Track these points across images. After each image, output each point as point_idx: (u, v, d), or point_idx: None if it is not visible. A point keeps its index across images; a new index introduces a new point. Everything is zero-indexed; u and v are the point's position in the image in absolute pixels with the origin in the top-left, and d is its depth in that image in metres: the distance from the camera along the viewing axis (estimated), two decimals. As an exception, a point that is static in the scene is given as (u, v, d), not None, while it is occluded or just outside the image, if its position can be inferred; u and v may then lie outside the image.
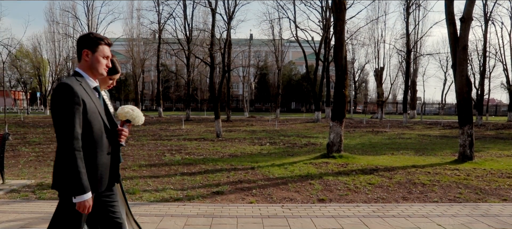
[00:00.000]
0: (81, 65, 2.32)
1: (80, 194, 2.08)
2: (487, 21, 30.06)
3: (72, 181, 2.08)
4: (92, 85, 2.33)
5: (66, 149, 2.06)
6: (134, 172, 7.69)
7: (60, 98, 2.09)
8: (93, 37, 2.30)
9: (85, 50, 2.29)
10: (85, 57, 2.30)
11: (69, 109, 2.08)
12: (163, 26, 34.19)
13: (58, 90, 2.11)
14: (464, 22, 9.62)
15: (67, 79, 2.18)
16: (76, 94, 2.12)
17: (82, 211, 2.13)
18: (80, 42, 2.32)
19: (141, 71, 48.10)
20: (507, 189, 6.41)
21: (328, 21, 28.84)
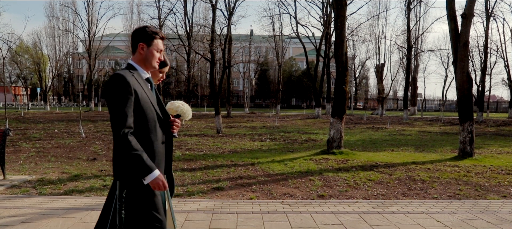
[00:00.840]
0: (135, 58, 2.37)
1: (149, 173, 2.11)
2: (489, 17, 29.97)
3: (136, 165, 2.10)
4: (145, 76, 2.37)
5: (120, 136, 2.09)
6: (134, 167, 7.70)
7: (113, 88, 2.13)
8: (149, 31, 2.34)
9: (141, 43, 2.33)
10: (140, 50, 2.34)
11: (122, 99, 2.12)
12: (163, 22, 34.11)
13: (111, 81, 2.15)
14: (465, 18, 9.60)
15: (120, 70, 2.22)
16: (128, 85, 2.15)
17: (159, 188, 2.14)
18: (136, 35, 2.35)
19: (142, 67, 48.02)
20: (506, 186, 6.43)
21: (329, 17, 28.77)
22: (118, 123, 2.10)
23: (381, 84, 40.39)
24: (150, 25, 2.38)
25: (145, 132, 2.23)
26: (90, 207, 4.71)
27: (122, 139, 2.09)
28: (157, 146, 2.30)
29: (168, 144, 2.44)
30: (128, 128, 2.11)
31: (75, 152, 9.84)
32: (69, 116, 28.09)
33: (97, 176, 6.78)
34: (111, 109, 2.13)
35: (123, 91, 2.13)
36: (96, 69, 44.58)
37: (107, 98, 2.16)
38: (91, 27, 38.03)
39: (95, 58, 39.39)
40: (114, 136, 2.12)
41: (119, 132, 2.09)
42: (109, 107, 2.14)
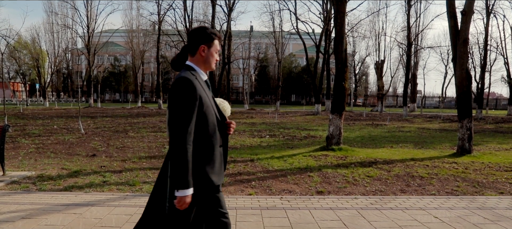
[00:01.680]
0: (194, 59, 2.34)
1: (184, 189, 2.10)
2: (489, 14, 29.93)
3: (178, 174, 2.09)
4: (204, 78, 2.34)
5: (179, 142, 2.08)
6: (134, 164, 7.73)
7: (180, 92, 2.12)
8: (209, 32, 2.33)
9: (202, 45, 2.31)
10: (201, 52, 2.31)
11: (188, 104, 2.12)
12: (162, 18, 34.10)
13: (178, 84, 2.13)
14: (465, 15, 9.60)
15: (184, 73, 2.20)
16: (195, 89, 2.14)
17: (180, 206, 2.12)
18: (196, 36, 2.33)
19: (141, 63, 48.08)
20: (504, 182, 6.46)
21: (329, 13, 28.74)
22: (179, 128, 2.09)
23: (380, 81, 40.42)
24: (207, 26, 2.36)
25: (206, 136, 2.24)
26: (90, 203, 4.73)
27: (180, 145, 2.08)
28: (216, 150, 2.30)
29: (225, 146, 2.43)
30: (188, 134, 2.11)
31: (75, 148, 9.85)
32: (68, 112, 28.09)
33: (96, 172, 6.80)
34: (174, 112, 2.11)
35: (189, 96, 2.12)
36: (95, 65, 44.49)
37: (170, 101, 2.14)
38: (90, 23, 37.95)
39: (94, 54, 39.36)
40: (172, 139, 2.11)
41: (179, 137, 2.08)
42: (172, 110, 2.13)
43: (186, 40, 28.93)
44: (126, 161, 7.98)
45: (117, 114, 25.88)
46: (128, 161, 7.98)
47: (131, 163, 7.82)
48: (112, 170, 6.99)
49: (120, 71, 62.29)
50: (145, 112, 28.36)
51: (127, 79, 61.57)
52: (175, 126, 2.10)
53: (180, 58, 2.51)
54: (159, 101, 35.72)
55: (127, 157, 8.55)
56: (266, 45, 60.42)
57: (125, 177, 6.43)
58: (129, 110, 32.02)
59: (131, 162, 7.88)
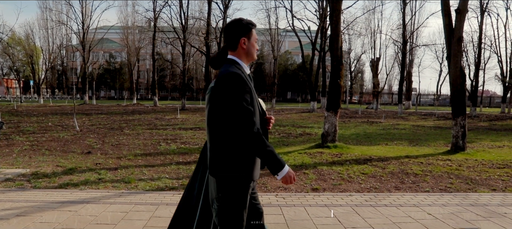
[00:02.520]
0: (236, 53, 2.31)
1: (281, 169, 2.12)
2: (483, 12, 30.12)
3: (271, 161, 2.11)
4: (247, 72, 2.33)
5: (253, 134, 2.08)
6: (129, 161, 7.72)
7: (232, 88, 2.10)
8: (245, 23, 2.30)
9: (243, 38, 2.28)
10: (243, 45, 2.29)
11: (244, 98, 2.11)
12: (158, 14, 33.92)
13: (229, 80, 2.12)
14: (459, 14, 9.65)
15: (231, 68, 2.19)
16: (246, 83, 2.15)
17: (290, 182, 2.16)
18: (235, 30, 2.29)
19: (136, 60, 47.87)
20: (496, 179, 6.53)
21: (325, 10, 28.77)
22: (245, 121, 2.08)
23: (376, 78, 40.54)
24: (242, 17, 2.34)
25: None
26: (85, 200, 4.73)
27: (255, 137, 2.08)
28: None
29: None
30: (255, 125, 2.10)
31: (70, 145, 9.82)
32: (63, 109, 27.95)
33: (92, 169, 6.79)
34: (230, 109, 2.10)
35: (243, 90, 2.11)
36: (90, 62, 44.31)
37: (221, 98, 2.13)
38: (85, 19, 37.70)
39: (89, 51, 39.11)
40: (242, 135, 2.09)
41: (249, 130, 2.07)
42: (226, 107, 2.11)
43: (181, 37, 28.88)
44: (122, 158, 7.97)
45: (112, 111, 25.78)
46: (123, 158, 7.97)
47: (127, 160, 7.81)
48: (107, 167, 6.98)
49: (115, 68, 62.00)
50: (141, 110, 28.28)
51: (122, 76, 61.31)
52: (240, 121, 2.08)
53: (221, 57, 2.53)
54: (154, 98, 35.59)
55: (123, 154, 8.54)
56: (262, 42, 60.32)
57: (120, 174, 6.43)
58: (124, 107, 31.91)
59: (127, 159, 7.87)
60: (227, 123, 2.14)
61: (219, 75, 2.19)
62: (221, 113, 2.16)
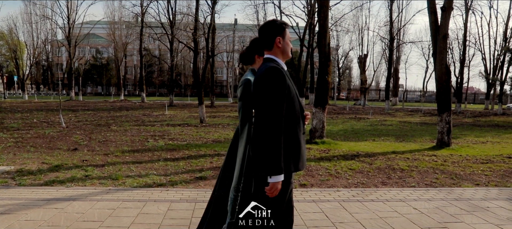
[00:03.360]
0: (272, 52, 2.41)
1: (277, 174, 2.16)
2: (468, 10, 30.57)
3: (271, 161, 2.14)
4: (285, 68, 2.40)
5: (272, 129, 2.14)
6: (116, 157, 7.66)
7: (272, 81, 2.18)
8: (279, 23, 2.41)
9: (278, 37, 2.38)
10: (278, 44, 2.39)
11: (281, 93, 2.19)
12: (145, 10, 33.59)
13: (270, 74, 2.20)
14: (444, 11, 9.79)
15: (271, 63, 2.28)
16: (285, 79, 2.22)
17: (272, 193, 2.19)
18: (269, 31, 2.40)
19: (123, 56, 47.34)
20: (480, 174, 6.66)
21: (313, 7, 28.85)
22: (273, 116, 2.15)
23: (363, 75, 40.90)
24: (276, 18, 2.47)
25: (294, 125, 2.33)
26: (71, 198, 4.68)
27: (274, 134, 2.14)
28: (301, 138, 2.39)
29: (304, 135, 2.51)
30: (280, 122, 2.17)
31: (56, 142, 9.69)
32: (49, 105, 27.52)
33: (78, 166, 6.72)
34: (266, 102, 2.17)
35: (280, 85, 2.19)
36: (76, 58, 43.62)
37: (262, 90, 2.20)
38: (71, 14, 37.09)
39: (75, 46, 38.52)
40: (262, 127, 2.16)
41: (273, 125, 2.14)
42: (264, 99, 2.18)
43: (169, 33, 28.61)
44: (109, 155, 7.90)
45: (99, 107, 25.50)
46: (110, 155, 7.90)
47: (114, 157, 7.75)
48: (94, 164, 6.91)
49: (102, 63, 61.20)
50: (128, 106, 28.03)
51: (109, 72, 60.57)
52: (267, 114, 2.16)
53: (250, 52, 2.66)
54: (142, 94, 35.28)
55: (110, 151, 8.46)
56: (250, 38, 60.02)
57: (107, 171, 6.38)
58: (111, 103, 31.59)
59: (114, 156, 7.80)
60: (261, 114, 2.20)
61: (260, 71, 2.29)
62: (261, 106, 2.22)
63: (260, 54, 2.77)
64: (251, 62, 2.84)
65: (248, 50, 2.76)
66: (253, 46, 2.76)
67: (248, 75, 2.74)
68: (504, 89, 33.60)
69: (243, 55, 2.76)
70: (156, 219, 3.99)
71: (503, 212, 4.43)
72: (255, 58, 2.82)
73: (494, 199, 5.02)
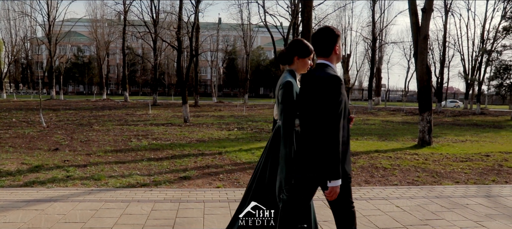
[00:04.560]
0: (329, 59, 2.48)
1: (336, 179, 2.26)
2: (447, 12, 31.26)
3: (332, 166, 2.24)
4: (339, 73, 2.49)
5: (334, 136, 2.23)
6: (99, 158, 7.55)
7: (333, 89, 2.27)
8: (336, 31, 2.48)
9: (336, 44, 2.47)
10: (336, 50, 2.48)
11: (339, 101, 2.27)
12: (128, 8, 33.18)
13: (330, 82, 2.28)
14: (425, 13, 9.98)
15: (329, 70, 2.38)
16: (343, 87, 2.30)
17: (331, 196, 2.31)
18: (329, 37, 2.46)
19: (106, 54, 46.61)
20: (459, 172, 6.82)
21: (297, 7, 28.97)
22: (332, 122, 2.24)
23: (347, 74, 41.26)
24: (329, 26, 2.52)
25: (346, 129, 2.43)
26: (52, 199, 4.59)
27: (334, 141, 2.23)
28: (348, 141, 2.49)
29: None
30: (340, 129, 2.27)
31: (36, 142, 9.48)
32: (28, 104, 26.90)
33: (59, 166, 6.59)
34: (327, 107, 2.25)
35: (340, 93, 2.28)
36: (57, 56, 42.73)
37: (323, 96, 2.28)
38: (51, 11, 36.31)
39: (55, 44, 37.74)
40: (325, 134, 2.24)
41: (332, 132, 2.23)
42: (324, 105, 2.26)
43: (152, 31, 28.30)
44: (91, 155, 7.77)
45: (81, 107, 25.07)
46: (93, 155, 7.78)
47: (96, 157, 7.63)
48: (76, 164, 6.80)
49: (84, 62, 60.10)
50: (111, 105, 27.63)
51: (91, 71, 59.56)
52: (330, 121, 2.25)
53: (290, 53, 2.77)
54: (125, 93, 34.82)
55: (92, 151, 8.33)
56: (234, 37, 60.19)
57: (90, 171, 6.28)
58: (94, 102, 31.09)
59: (96, 156, 7.68)
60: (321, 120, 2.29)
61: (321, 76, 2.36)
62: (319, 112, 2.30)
63: (300, 56, 2.79)
64: (290, 62, 2.86)
65: (288, 51, 2.80)
66: (293, 47, 2.80)
67: (287, 77, 2.73)
68: (482, 90, 34.48)
69: (283, 55, 2.82)
70: (140, 220, 3.95)
71: (481, 209, 4.55)
72: (294, 59, 2.83)
73: (473, 196, 5.15)
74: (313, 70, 2.51)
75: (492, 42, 32.29)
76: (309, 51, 2.74)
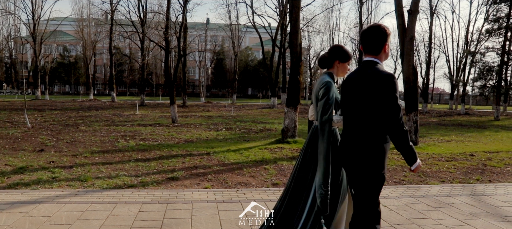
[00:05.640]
0: (380, 57, 2.60)
1: (416, 161, 2.50)
2: (433, 14, 31.70)
3: (411, 153, 2.46)
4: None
5: (402, 128, 2.41)
6: (85, 158, 7.45)
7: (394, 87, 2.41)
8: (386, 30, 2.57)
9: (387, 43, 2.58)
10: (386, 49, 2.59)
11: (397, 95, 2.44)
12: (115, 7, 32.83)
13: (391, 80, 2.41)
14: (411, 14, 10.11)
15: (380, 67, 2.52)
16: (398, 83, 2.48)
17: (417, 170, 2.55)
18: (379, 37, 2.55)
19: (93, 54, 46.02)
20: (445, 172, 6.93)
21: (285, 7, 29.05)
22: (399, 116, 2.40)
23: (334, 75, 41.55)
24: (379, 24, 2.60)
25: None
26: (37, 201, 4.52)
27: (404, 131, 2.42)
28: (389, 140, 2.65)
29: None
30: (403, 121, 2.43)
31: (20, 143, 9.32)
32: (12, 104, 26.41)
33: (45, 168, 6.49)
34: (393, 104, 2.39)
35: (397, 89, 2.45)
36: (42, 55, 42.00)
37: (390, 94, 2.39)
38: (35, 9, 35.68)
39: (40, 43, 37.10)
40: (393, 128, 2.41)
41: (401, 124, 2.41)
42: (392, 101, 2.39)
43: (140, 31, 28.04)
44: (77, 156, 7.67)
45: (67, 107, 24.72)
46: (79, 156, 7.68)
47: (83, 158, 7.53)
48: (62, 166, 6.70)
49: (70, 62, 59.24)
50: (98, 105, 27.31)
51: (78, 71, 58.73)
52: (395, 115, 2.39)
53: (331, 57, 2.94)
54: (112, 94, 34.43)
55: (78, 151, 8.22)
56: (222, 38, 60.06)
57: (76, 172, 6.19)
58: (80, 103, 30.68)
59: (83, 157, 7.59)
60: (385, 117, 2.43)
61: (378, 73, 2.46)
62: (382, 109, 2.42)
63: (341, 61, 2.97)
64: (330, 66, 3.02)
65: (329, 55, 2.97)
66: (334, 52, 2.97)
67: (326, 78, 2.92)
68: (466, 90, 35.06)
69: (324, 59, 2.98)
70: (127, 221, 3.91)
71: (466, 208, 4.63)
72: (335, 64, 3.00)
73: (458, 195, 5.23)
74: (364, 68, 2.58)
75: (476, 44, 32.89)
76: (349, 56, 2.98)
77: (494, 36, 28.72)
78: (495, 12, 28.78)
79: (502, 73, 26.66)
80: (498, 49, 28.12)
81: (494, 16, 28.50)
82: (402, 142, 2.43)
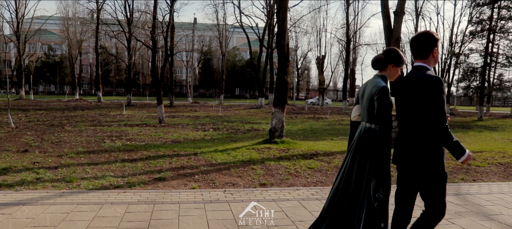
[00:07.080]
0: (428, 61, 2.73)
1: (464, 153, 2.58)
2: (418, 15, 32.16)
3: (458, 149, 2.57)
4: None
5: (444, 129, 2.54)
6: (71, 159, 7.35)
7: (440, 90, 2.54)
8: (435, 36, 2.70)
9: (435, 48, 2.71)
10: (434, 54, 2.72)
11: (444, 99, 2.56)
12: (101, 6, 32.48)
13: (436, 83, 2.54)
14: (397, 16, 10.24)
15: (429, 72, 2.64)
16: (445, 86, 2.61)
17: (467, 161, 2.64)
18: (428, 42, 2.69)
19: (78, 53, 45.43)
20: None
21: (272, 8, 29.12)
22: (441, 119, 2.53)
23: (322, 75, 41.83)
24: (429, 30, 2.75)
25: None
26: (21, 202, 4.44)
27: (446, 132, 2.54)
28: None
29: None
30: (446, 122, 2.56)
31: (3, 143, 9.14)
32: (-5, 104, 25.89)
33: (29, 168, 6.38)
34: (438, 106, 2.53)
35: (444, 93, 2.57)
36: (27, 54, 41.31)
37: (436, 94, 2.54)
38: (19, 8, 35.04)
39: (25, 42, 36.46)
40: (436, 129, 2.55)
41: (443, 126, 2.53)
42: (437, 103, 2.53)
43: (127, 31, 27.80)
44: (63, 157, 7.57)
45: (52, 107, 24.34)
46: (64, 157, 7.57)
47: (68, 158, 7.43)
48: (47, 166, 6.60)
49: (55, 61, 58.29)
50: (84, 105, 26.97)
51: (63, 70, 57.81)
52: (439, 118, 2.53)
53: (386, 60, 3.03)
54: (98, 93, 34.03)
55: (64, 152, 8.11)
56: (210, 38, 59.88)
57: (61, 173, 6.11)
58: (65, 103, 30.24)
59: (68, 158, 7.49)
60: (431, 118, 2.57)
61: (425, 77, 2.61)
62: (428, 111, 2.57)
63: (395, 65, 3.07)
64: (383, 69, 3.11)
65: (385, 58, 3.05)
66: (390, 55, 3.06)
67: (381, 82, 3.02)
68: (451, 91, 35.65)
69: (379, 61, 3.07)
70: (113, 222, 3.88)
71: (451, 207, 4.71)
72: (388, 67, 3.08)
73: (442, 194, 5.32)
74: (413, 72, 2.72)
75: (460, 46, 33.44)
76: (403, 61, 3.09)
77: (477, 38, 29.23)
78: (478, 15, 29.31)
79: (485, 74, 27.19)
80: (481, 51, 28.63)
81: (477, 19, 29.01)
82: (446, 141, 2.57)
